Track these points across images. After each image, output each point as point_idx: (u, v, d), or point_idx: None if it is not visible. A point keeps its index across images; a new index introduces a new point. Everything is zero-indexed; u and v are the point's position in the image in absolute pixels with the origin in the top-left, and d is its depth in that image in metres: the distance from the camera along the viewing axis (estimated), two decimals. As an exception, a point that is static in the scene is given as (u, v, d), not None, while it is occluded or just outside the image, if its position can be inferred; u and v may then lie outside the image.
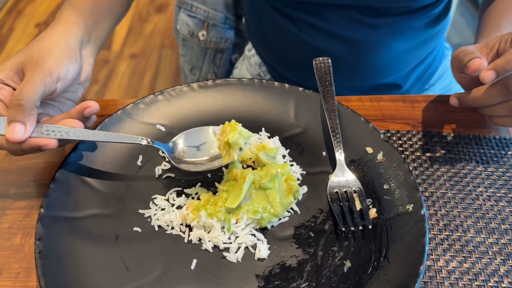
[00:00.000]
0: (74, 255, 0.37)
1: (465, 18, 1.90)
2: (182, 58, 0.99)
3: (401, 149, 0.47)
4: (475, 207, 0.42)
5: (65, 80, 0.43)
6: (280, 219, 0.41)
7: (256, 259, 0.38)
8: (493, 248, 0.39)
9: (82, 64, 0.46)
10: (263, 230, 0.40)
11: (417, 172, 0.45)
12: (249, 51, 0.84)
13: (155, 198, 0.42)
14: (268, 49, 0.72)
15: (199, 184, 0.43)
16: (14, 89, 0.41)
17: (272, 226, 0.40)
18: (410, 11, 0.61)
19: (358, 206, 0.40)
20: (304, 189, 0.43)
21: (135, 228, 0.40)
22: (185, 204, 0.41)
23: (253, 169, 0.44)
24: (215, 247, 0.39)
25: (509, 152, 0.47)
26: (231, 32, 0.95)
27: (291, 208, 0.41)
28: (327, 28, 0.61)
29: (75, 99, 0.46)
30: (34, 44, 0.45)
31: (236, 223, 0.39)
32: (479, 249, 0.39)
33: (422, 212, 0.38)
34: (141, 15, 2.26)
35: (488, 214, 0.42)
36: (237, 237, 0.39)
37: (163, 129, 0.47)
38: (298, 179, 0.43)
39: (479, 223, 0.41)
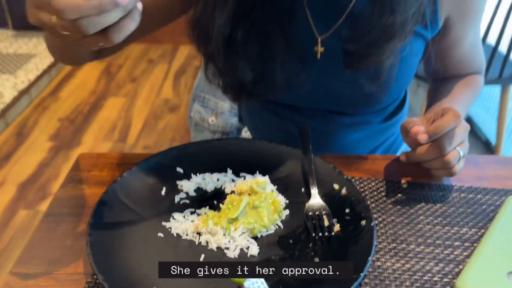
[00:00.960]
0: (115, 249, 0.50)
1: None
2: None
3: (361, 189, 0.62)
4: (416, 229, 0.56)
5: None
6: (267, 230, 0.54)
7: (248, 256, 0.51)
8: (428, 256, 0.52)
9: None
10: (254, 238, 0.53)
11: (373, 204, 0.59)
12: (246, 132, 1.02)
13: (174, 214, 0.56)
14: (257, 132, 0.88)
15: (208, 207, 0.57)
16: None
17: (262, 236, 0.53)
18: (368, 113, 0.78)
19: (326, 223, 0.54)
20: (287, 211, 0.57)
21: (159, 234, 0.53)
22: (197, 219, 0.55)
23: (249, 195, 0.58)
24: (218, 247, 0.51)
25: (441, 194, 0.61)
26: (235, 118, 1.14)
27: (277, 224, 0.55)
28: (303, 121, 0.77)
29: None
30: None
31: (235, 230, 0.52)
32: (418, 256, 0.52)
33: (372, 224, 0.52)
34: (155, 114, 2.53)
35: (427, 233, 0.55)
36: (235, 240, 0.52)
37: (181, 171, 0.63)
38: (283, 205, 0.57)
39: (419, 239, 0.54)
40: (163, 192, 0.59)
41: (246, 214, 0.54)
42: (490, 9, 1.67)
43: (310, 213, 0.55)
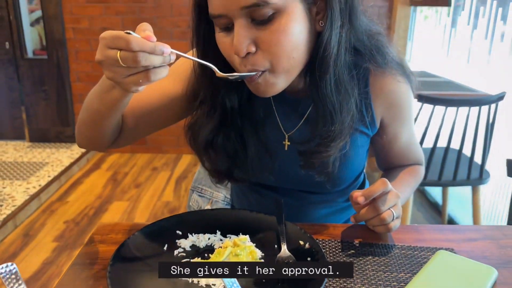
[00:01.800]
0: (128, 284, 0.65)
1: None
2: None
3: (322, 245, 0.78)
4: (363, 273, 0.71)
5: None
6: (246, 273, 0.69)
7: (230, 290, 0.65)
8: (371, 292, 0.66)
9: None
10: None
11: (330, 255, 0.75)
12: None
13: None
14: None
15: (200, 258, 0.73)
16: None
17: (241, 277, 0.69)
18: (330, 192, 0.97)
19: (292, 268, 0.69)
20: (262, 260, 0.72)
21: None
22: (191, 265, 0.70)
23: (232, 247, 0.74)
24: (207, 284, 0.66)
25: (386, 250, 0.77)
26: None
27: (253, 269, 0.70)
28: (280, 198, 0.97)
29: None
30: None
31: None
32: (363, 292, 0.66)
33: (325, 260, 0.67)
34: (156, 215, 2.69)
35: (371, 276, 0.70)
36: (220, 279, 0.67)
37: (180, 233, 0.79)
38: (259, 256, 0.73)
39: (364, 281, 0.69)
40: (165, 248, 0.75)
41: (230, 260, 0.70)
42: (451, 119, 1.95)
43: (279, 261, 0.71)
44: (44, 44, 3.71)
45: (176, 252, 0.75)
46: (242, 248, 0.71)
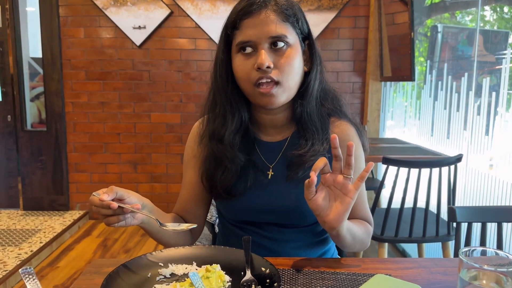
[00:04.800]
0: (115, 300, 0.79)
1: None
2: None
3: (282, 273, 0.93)
4: (313, 292, 0.85)
5: (130, 200, 0.92)
6: (215, 292, 0.84)
7: (201, 303, 0.80)
8: (317, 305, 0.81)
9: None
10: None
11: (288, 281, 0.90)
12: None
13: (156, 285, 0.86)
14: (226, 243, 1.22)
15: (177, 282, 0.88)
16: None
17: (211, 295, 0.83)
18: (303, 225, 1.15)
19: None
20: (229, 283, 0.87)
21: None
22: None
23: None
24: (182, 300, 0.81)
25: (334, 276, 0.93)
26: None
27: (221, 289, 0.85)
28: (258, 232, 1.14)
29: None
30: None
31: None
32: (310, 305, 0.81)
33: (280, 284, 0.82)
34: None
35: (319, 295, 0.85)
36: (193, 296, 0.81)
37: (162, 264, 0.95)
38: (227, 279, 0.88)
39: (313, 297, 0.84)
40: (149, 275, 0.90)
41: (202, 282, 0.85)
42: (414, 179, 2.15)
43: (244, 283, 0.86)
44: (42, 117, 3.96)
45: (157, 278, 0.89)
46: (212, 273, 0.86)
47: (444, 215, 2.23)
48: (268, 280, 0.87)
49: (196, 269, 0.93)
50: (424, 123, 2.93)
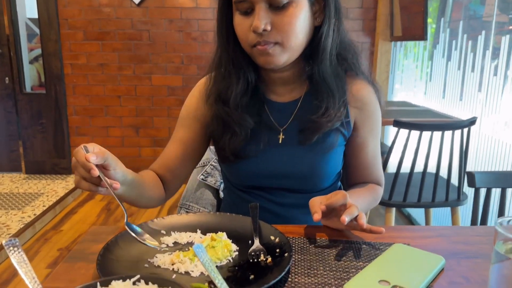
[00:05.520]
0: (115, 270, 0.73)
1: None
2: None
3: (292, 242, 0.87)
4: (326, 263, 0.79)
5: (115, 175, 0.81)
6: (221, 262, 0.78)
7: (206, 275, 0.74)
8: (331, 276, 0.75)
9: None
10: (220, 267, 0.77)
11: (299, 249, 0.84)
12: None
13: (157, 254, 0.80)
14: (232, 211, 1.16)
15: (181, 251, 0.82)
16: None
17: (217, 265, 0.77)
18: (313, 191, 1.09)
19: (262, 258, 0.78)
20: (236, 252, 0.81)
21: (145, 265, 0.77)
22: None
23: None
24: (186, 271, 0.75)
25: (348, 245, 0.87)
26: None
27: (228, 259, 0.79)
28: (268, 197, 1.08)
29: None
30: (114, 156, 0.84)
31: (198, 261, 0.76)
32: (324, 276, 0.75)
33: (291, 254, 0.76)
34: (148, 241, 2.74)
35: (333, 265, 0.79)
36: (196, 266, 0.75)
37: (164, 232, 0.88)
38: (234, 248, 0.82)
39: (327, 268, 0.78)
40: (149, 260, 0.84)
41: (207, 251, 0.79)
42: (426, 143, 2.07)
43: (252, 253, 0.80)
44: (42, 80, 3.86)
45: (159, 248, 0.83)
46: (218, 242, 0.80)
47: (454, 180, 2.17)
48: (278, 250, 0.81)
49: (201, 237, 0.87)
50: (435, 85, 2.82)
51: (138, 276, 0.60)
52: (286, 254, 0.78)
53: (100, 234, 0.91)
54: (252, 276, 0.73)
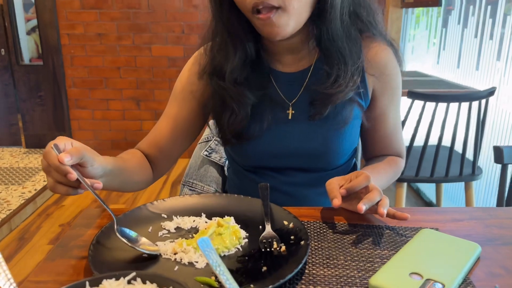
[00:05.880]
0: (110, 263, 0.65)
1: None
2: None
3: (307, 227, 0.78)
4: (346, 251, 0.71)
5: (94, 171, 0.71)
6: (229, 251, 0.69)
7: (212, 266, 0.65)
8: (354, 267, 0.66)
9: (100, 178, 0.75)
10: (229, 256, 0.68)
11: (315, 236, 0.75)
12: None
13: (157, 242, 0.71)
14: (239, 192, 1.07)
15: (184, 239, 0.73)
16: None
17: (224, 255, 0.69)
18: (327, 169, 1.00)
19: (275, 246, 0.70)
20: (246, 240, 0.72)
21: (144, 255, 0.68)
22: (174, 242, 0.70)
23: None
24: (190, 262, 0.66)
25: (370, 230, 0.78)
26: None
27: (237, 247, 0.70)
28: (276, 177, 0.99)
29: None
30: (89, 148, 0.72)
31: None
32: (345, 267, 0.66)
33: (308, 242, 0.67)
34: (151, 217, 2.68)
35: (354, 253, 0.70)
36: (202, 257, 0.67)
37: (165, 216, 0.80)
38: (243, 235, 0.73)
39: (348, 257, 0.69)
40: (149, 230, 0.76)
41: (213, 239, 0.70)
42: (441, 116, 1.96)
43: (263, 240, 0.71)
44: (41, 52, 3.73)
45: (160, 233, 0.75)
46: (225, 228, 0.71)
47: (469, 154, 2.07)
48: (292, 237, 0.72)
49: (206, 222, 0.78)
50: (449, 54, 2.68)
51: (133, 274, 0.52)
52: (302, 242, 0.69)
53: (94, 218, 0.83)
54: (264, 268, 0.65)
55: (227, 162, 1.30)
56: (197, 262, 0.66)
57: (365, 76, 0.94)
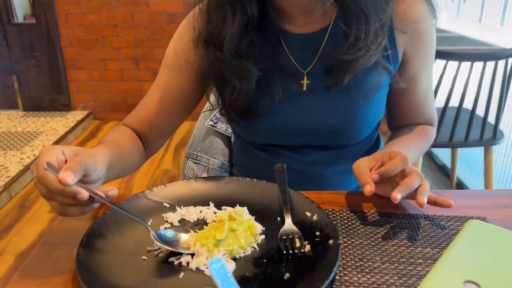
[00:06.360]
0: (102, 269, 0.54)
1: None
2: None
3: (333, 218, 0.67)
4: (382, 249, 0.60)
5: (97, 176, 0.59)
6: (244, 251, 0.58)
7: (225, 273, 0.55)
8: (392, 271, 0.56)
9: (103, 177, 0.63)
10: (233, 259, 0.58)
11: (343, 231, 0.64)
12: None
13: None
14: (248, 173, 0.96)
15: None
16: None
17: (240, 256, 0.58)
18: (347, 146, 0.87)
19: (297, 244, 0.59)
20: (263, 236, 0.62)
21: (143, 257, 0.58)
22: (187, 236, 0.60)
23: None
24: (197, 268, 0.56)
25: (407, 221, 0.67)
26: (226, 174, 1.21)
27: (253, 246, 0.59)
28: (289, 154, 0.87)
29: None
30: (83, 150, 0.60)
31: (217, 253, 0.57)
32: (382, 271, 0.56)
33: (338, 242, 0.56)
34: (155, 184, 2.60)
35: (392, 253, 0.59)
36: (213, 260, 0.56)
37: (167, 205, 0.69)
38: (259, 231, 0.62)
39: (384, 258, 0.58)
40: (149, 223, 0.65)
41: (226, 237, 0.59)
42: (464, 75, 1.81)
43: (283, 237, 0.60)
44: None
45: (162, 227, 0.64)
46: (239, 223, 0.60)
47: (490, 118, 1.94)
48: (318, 233, 0.61)
49: (215, 214, 0.67)
50: (471, 7, 2.48)
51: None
52: (331, 242, 0.58)
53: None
54: (287, 275, 0.54)
55: (232, 132, 1.18)
56: (207, 267, 0.56)
57: (395, 35, 0.80)
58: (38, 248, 0.61)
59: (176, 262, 0.57)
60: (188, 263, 0.56)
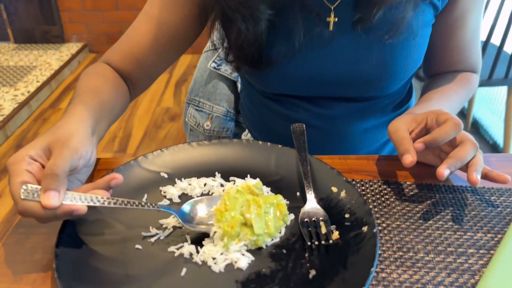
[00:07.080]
0: (86, 263, 0.45)
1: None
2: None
3: (362, 192, 0.56)
4: (425, 235, 0.50)
5: (85, 159, 0.49)
6: (272, 239, 0.48)
7: (235, 268, 0.45)
8: (439, 265, 0.46)
9: (93, 149, 0.52)
10: (258, 249, 0.47)
11: (375, 209, 0.54)
12: (245, 136, 0.98)
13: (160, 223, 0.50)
14: (258, 127, 0.85)
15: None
16: (42, 166, 0.46)
17: (266, 246, 0.48)
18: (377, 97, 0.75)
19: (323, 230, 0.48)
20: (292, 216, 0.51)
21: (137, 246, 0.48)
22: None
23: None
24: (203, 261, 0.46)
25: (451, 196, 0.56)
26: (231, 123, 1.09)
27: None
28: (307, 107, 0.75)
29: (82, 180, 0.52)
30: (57, 128, 0.49)
31: (237, 243, 0.47)
32: (427, 265, 0.46)
33: (374, 231, 0.46)
34: (156, 123, 2.49)
35: (436, 240, 0.49)
36: (227, 253, 0.46)
37: (166, 176, 0.58)
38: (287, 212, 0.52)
39: (428, 246, 0.48)
40: (144, 198, 0.54)
41: (256, 217, 0.48)
42: (494, 9, 1.63)
43: (305, 220, 0.50)
44: None
45: (160, 204, 0.53)
46: (270, 204, 0.49)
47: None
48: (347, 215, 0.50)
49: (222, 188, 0.56)
50: None
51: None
52: (365, 229, 0.47)
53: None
54: (313, 273, 0.44)
55: (239, 78, 1.04)
56: (215, 262, 0.46)
57: None
58: (11, 234, 0.51)
59: (177, 254, 0.47)
60: (191, 254, 0.47)
